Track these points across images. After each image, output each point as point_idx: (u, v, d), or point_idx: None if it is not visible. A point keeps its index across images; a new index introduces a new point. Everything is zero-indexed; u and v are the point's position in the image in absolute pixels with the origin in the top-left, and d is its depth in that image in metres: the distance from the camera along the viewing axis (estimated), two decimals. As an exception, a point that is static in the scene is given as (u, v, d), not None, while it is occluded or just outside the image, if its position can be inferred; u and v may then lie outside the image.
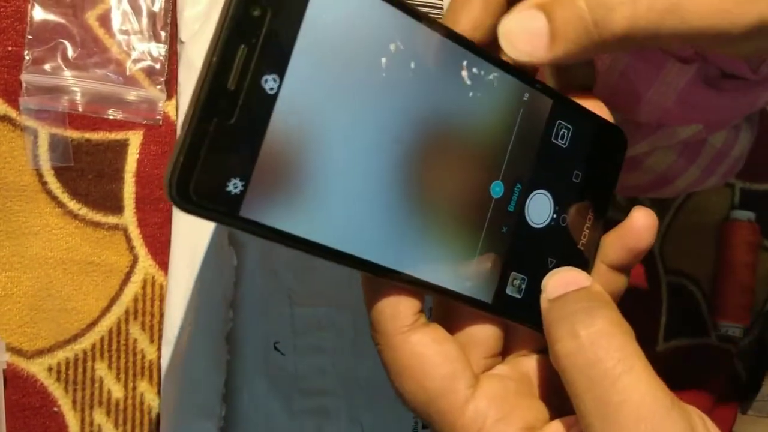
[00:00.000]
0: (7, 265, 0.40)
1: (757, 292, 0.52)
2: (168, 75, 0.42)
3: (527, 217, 0.29)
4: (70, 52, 0.41)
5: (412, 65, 0.26)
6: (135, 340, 0.42)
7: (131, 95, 0.42)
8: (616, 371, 0.24)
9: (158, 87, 0.42)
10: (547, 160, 0.30)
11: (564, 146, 0.30)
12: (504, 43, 0.27)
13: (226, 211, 0.23)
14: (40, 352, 0.41)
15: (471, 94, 0.27)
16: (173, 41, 0.42)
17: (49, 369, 0.41)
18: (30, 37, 0.40)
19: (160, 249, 0.42)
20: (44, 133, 0.41)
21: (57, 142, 0.41)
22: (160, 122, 0.42)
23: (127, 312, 0.42)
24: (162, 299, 0.42)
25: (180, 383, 0.40)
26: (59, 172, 0.41)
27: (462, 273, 0.28)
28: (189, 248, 0.41)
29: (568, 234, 0.30)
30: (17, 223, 0.41)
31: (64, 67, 0.41)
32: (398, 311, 0.27)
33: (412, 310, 0.27)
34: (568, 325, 0.25)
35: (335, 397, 0.43)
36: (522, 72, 0.29)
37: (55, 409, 0.41)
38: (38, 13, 0.40)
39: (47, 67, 0.40)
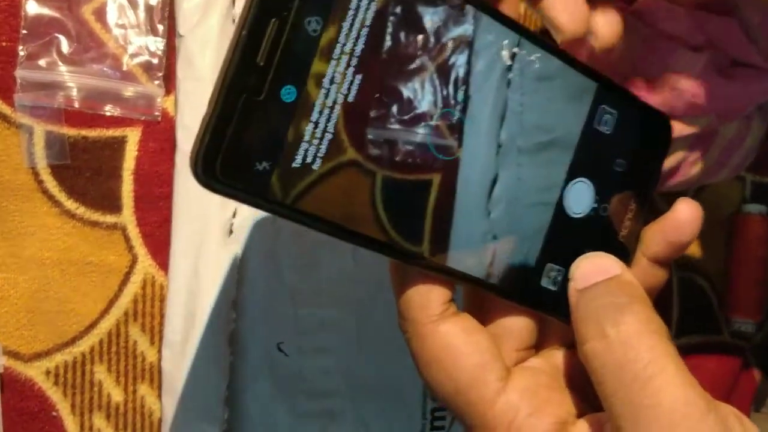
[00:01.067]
0: (3, 266, 0.39)
1: (770, 287, 0.51)
2: (166, 70, 0.41)
3: (566, 207, 0.28)
4: (66, 47, 0.40)
5: (452, 45, 0.25)
6: (135, 342, 0.41)
7: (129, 91, 0.41)
8: (646, 373, 0.23)
9: (156, 82, 0.41)
10: (589, 147, 0.28)
11: (607, 132, 0.29)
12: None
13: (254, 191, 0.22)
14: (37, 356, 0.40)
15: (511, 75, 0.26)
16: (171, 35, 0.41)
17: (47, 372, 0.40)
18: (24, 32, 0.39)
19: (160, 248, 0.41)
20: (40, 130, 0.40)
21: (53, 139, 0.40)
22: (159, 118, 0.41)
23: (126, 313, 0.41)
24: (162, 300, 0.41)
25: (182, 386, 0.40)
26: (56, 171, 0.40)
27: (495, 263, 0.27)
28: (190, 247, 0.40)
29: (608, 225, 0.29)
30: (13, 223, 0.40)
31: (59, 62, 0.40)
32: (428, 300, 0.26)
33: (442, 299, 0.26)
34: (597, 323, 0.24)
35: (340, 398, 0.43)
36: (565, 54, 0.28)
37: (54, 413, 0.40)
38: (32, 8, 0.40)
39: (42, 62, 0.40)
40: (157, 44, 0.41)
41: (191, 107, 0.40)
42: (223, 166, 0.22)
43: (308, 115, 0.23)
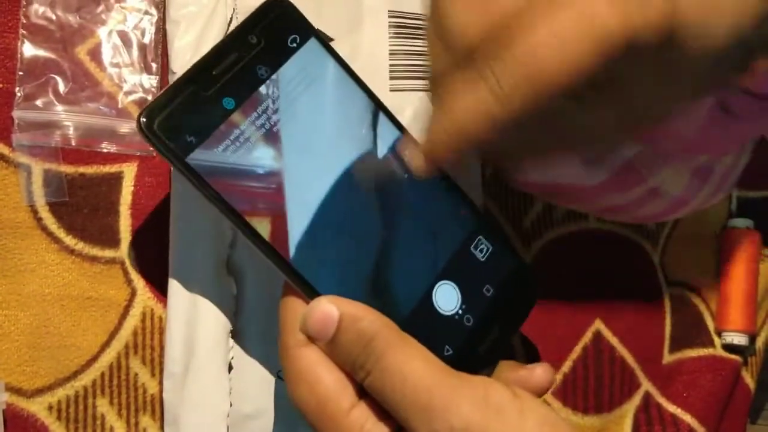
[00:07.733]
0: (3, 303, 0.40)
1: (761, 299, 0.51)
2: (160, 106, 0.42)
3: (435, 302, 0.33)
4: (62, 87, 0.41)
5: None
6: (136, 375, 0.42)
7: (124, 128, 0.41)
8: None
9: (151, 118, 0.42)
10: (462, 260, 0.34)
11: (481, 260, 0.34)
12: None
13: (175, 152, 0.29)
14: (40, 391, 0.40)
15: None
16: (164, 72, 0.42)
17: (50, 407, 0.40)
18: (21, 73, 0.40)
19: (159, 281, 0.42)
20: (38, 169, 0.41)
21: (51, 177, 0.41)
22: (154, 153, 0.42)
23: (127, 346, 0.42)
24: (162, 332, 0.42)
25: (183, 417, 0.40)
26: (54, 208, 0.41)
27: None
28: (187, 279, 0.40)
29: (471, 334, 0.33)
30: (13, 260, 0.40)
31: (56, 102, 0.41)
32: (297, 327, 0.31)
33: None
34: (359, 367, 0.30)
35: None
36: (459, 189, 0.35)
37: (57, 448, 0.40)
38: (28, 50, 0.40)
39: (39, 102, 0.40)
40: (151, 81, 0.42)
41: (186, 142, 0.41)
42: (161, 123, 0.29)
43: (238, 125, 0.30)
